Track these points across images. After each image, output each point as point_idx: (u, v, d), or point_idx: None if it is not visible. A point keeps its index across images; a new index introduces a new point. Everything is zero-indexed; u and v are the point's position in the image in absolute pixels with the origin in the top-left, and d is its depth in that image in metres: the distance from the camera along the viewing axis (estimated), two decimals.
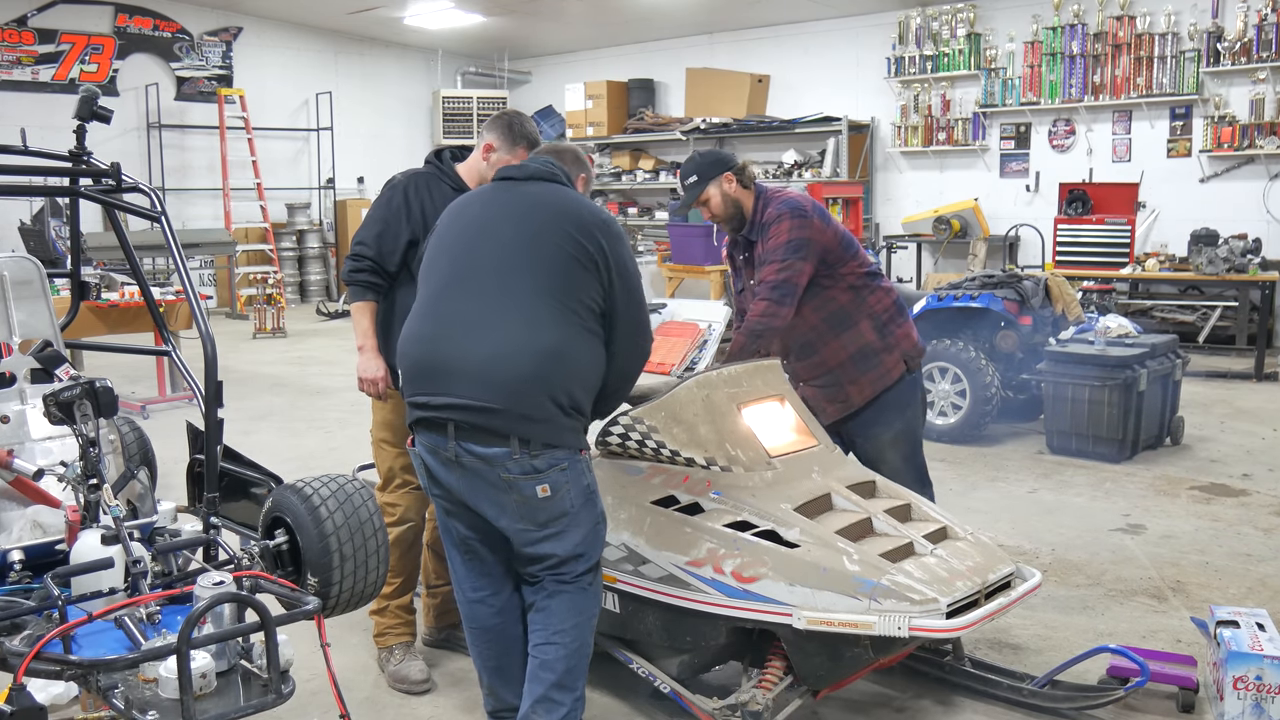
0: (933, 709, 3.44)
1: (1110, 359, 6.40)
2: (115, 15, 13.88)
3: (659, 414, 3.28)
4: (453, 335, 2.86)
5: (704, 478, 3.21)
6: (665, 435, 3.25)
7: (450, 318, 2.89)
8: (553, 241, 2.87)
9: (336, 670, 2.51)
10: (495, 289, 2.86)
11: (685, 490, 3.21)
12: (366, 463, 4.12)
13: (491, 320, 2.84)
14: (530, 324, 2.81)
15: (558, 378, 2.80)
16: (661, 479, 3.26)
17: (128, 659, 2.31)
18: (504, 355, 2.78)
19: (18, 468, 3.03)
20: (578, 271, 2.86)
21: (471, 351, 2.81)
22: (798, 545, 2.97)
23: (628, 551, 3.21)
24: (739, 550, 3.01)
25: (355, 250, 3.54)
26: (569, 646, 2.86)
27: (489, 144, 3.56)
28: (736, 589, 2.99)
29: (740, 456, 3.23)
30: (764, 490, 3.17)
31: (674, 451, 3.24)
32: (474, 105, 16.06)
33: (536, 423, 2.77)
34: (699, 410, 3.27)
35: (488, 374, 2.77)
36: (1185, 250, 10.04)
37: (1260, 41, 10.42)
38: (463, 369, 2.80)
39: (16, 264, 3.52)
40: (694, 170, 3.97)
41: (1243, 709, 3.21)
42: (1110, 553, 4.90)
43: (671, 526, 3.16)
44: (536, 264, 2.86)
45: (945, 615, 2.83)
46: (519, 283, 2.85)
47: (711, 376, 3.39)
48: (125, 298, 7.88)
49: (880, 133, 13.22)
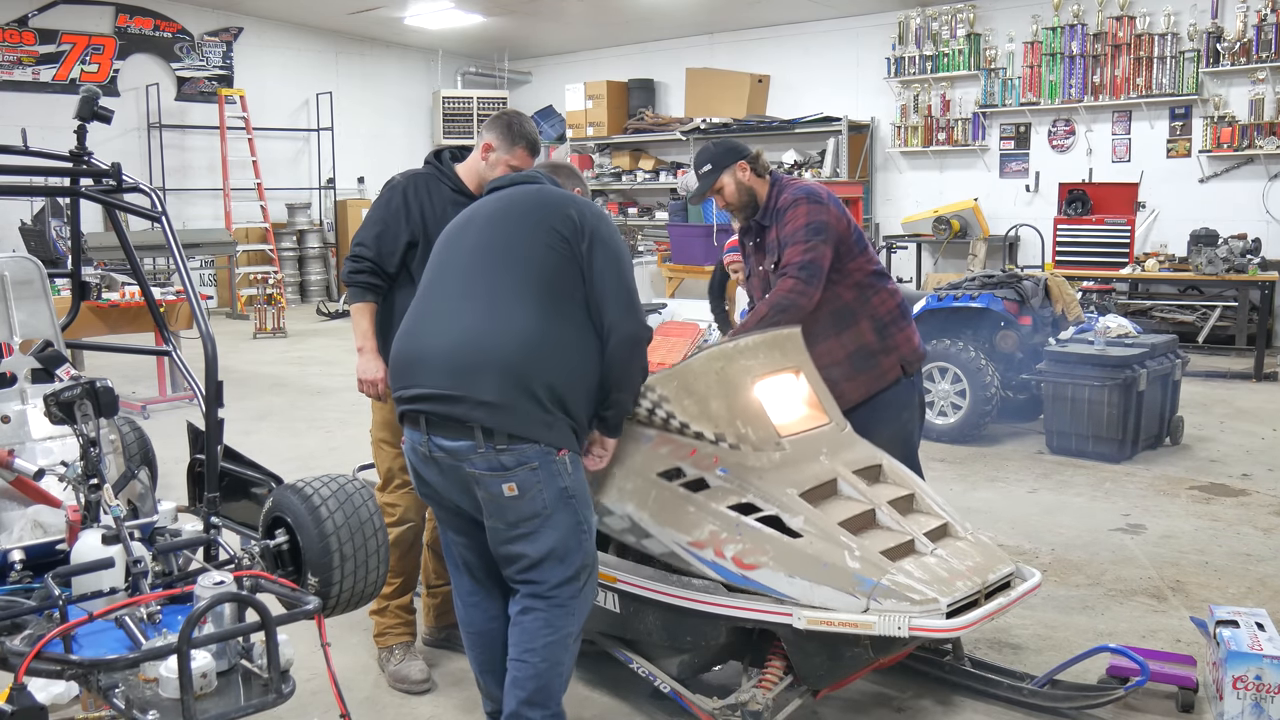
0: (933, 709, 3.45)
1: (1110, 359, 6.40)
2: (116, 15, 13.88)
3: (671, 383, 3.22)
4: (424, 329, 2.90)
5: (712, 453, 3.16)
6: (676, 406, 3.19)
7: (423, 314, 2.94)
8: (524, 232, 2.88)
9: (336, 670, 2.51)
10: (464, 285, 2.89)
11: (692, 464, 3.17)
12: (366, 463, 4.12)
13: (458, 310, 2.85)
14: (495, 312, 2.80)
15: (528, 364, 2.74)
16: (669, 450, 3.21)
17: (128, 659, 2.31)
18: (466, 342, 2.78)
19: (18, 467, 3.04)
20: (553, 259, 2.83)
21: (437, 342, 2.83)
22: (800, 535, 2.96)
23: (631, 523, 3.18)
24: (741, 535, 2.99)
25: (355, 251, 3.55)
26: (537, 666, 2.80)
27: (488, 144, 3.56)
28: (736, 574, 2.98)
29: (750, 435, 3.18)
30: (771, 472, 3.14)
31: (684, 424, 3.18)
32: (474, 105, 16.06)
33: (498, 409, 2.71)
34: (712, 383, 3.22)
35: (450, 361, 2.78)
36: (1185, 250, 10.04)
37: (1260, 41, 10.42)
38: (429, 359, 2.82)
39: (17, 264, 3.52)
40: (708, 159, 3.96)
41: (1242, 709, 3.21)
42: (1110, 553, 4.90)
43: (676, 503, 3.12)
44: (508, 257, 2.86)
45: (945, 615, 2.83)
46: (489, 276, 2.86)
47: (729, 348, 3.32)
48: (126, 298, 7.88)
49: (880, 133, 13.22)
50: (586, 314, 2.86)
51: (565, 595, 2.82)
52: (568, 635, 2.84)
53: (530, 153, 3.56)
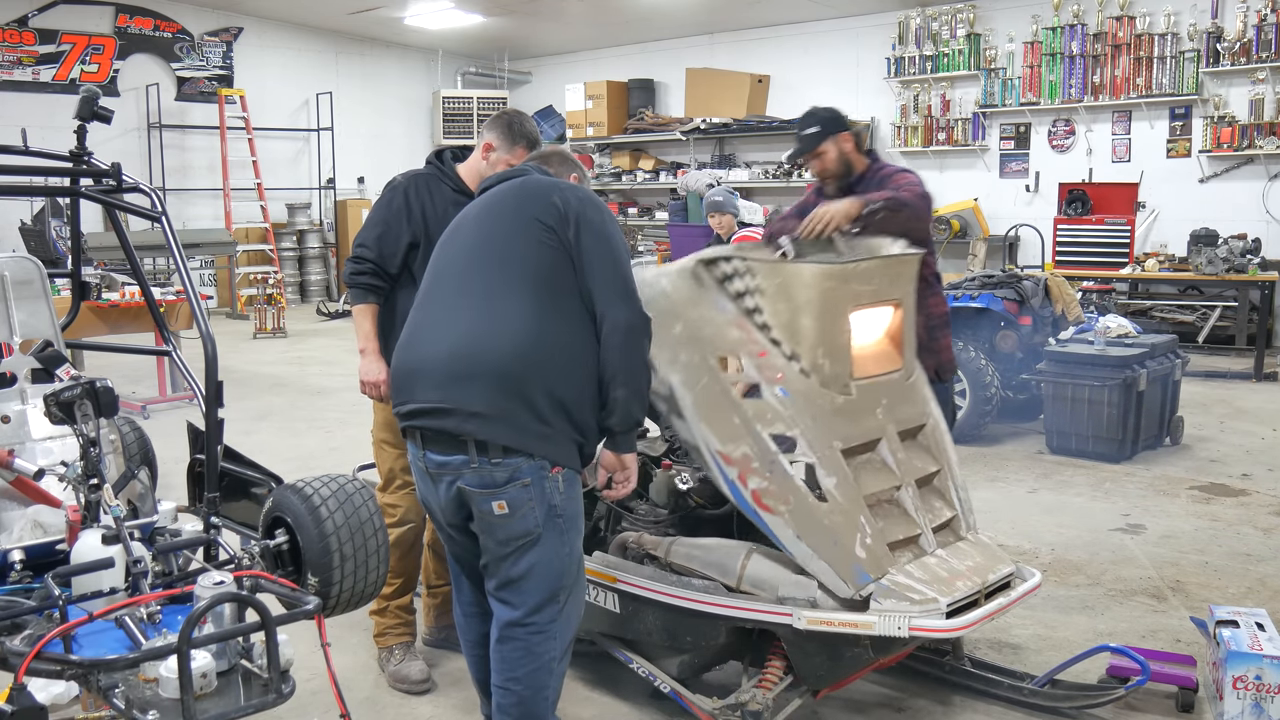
0: (933, 709, 3.45)
1: (1110, 359, 6.40)
2: (116, 15, 13.88)
3: (774, 279, 3.02)
4: (419, 339, 2.80)
5: (780, 368, 3.00)
6: (768, 303, 3.01)
7: (419, 323, 2.84)
8: (510, 227, 2.77)
9: (336, 670, 2.51)
10: (458, 289, 2.79)
11: (756, 366, 3.01)
12: (366, 463, 4.12)
13: (451, 318, 2.75)
14: (489, 315, 2.69)
15: (524, 369, 2.62)
16: (740, 336, 3.04)
17: (128, 659, 2.31)
18: (458, 350, 2.68)
19: (18, 467, 3.03)
20: (544, 253, 2.70)
21: (431, 351, 2.74)
22: (825, 501, 2.91)
23: (670, 395, 3.05)
24: (771, 474, 2.92)
25: (356, 252, 3.54)
26: (521, 694, 2.74)
27: (488, 143, 3.55)
28: (749, 506, 2.94)
29: (825, 368, 3.02)
30: (827, 417, 3.00)
31: (767, 324, 3.02)
32: (474, 105, 16.07)
33: (491, 420, 2.60)
34: (814, 298, 3.00)
35: (443, 372, 2.68)
36: (1185, 250, 10.04)
37: (1260, 42, 10.42)
38: (424, 371, 2.73)
39: (17, 264, 3.52)
40: (817, 122, 3.87)
41: (1242, 709, 3.21)
42: (1110, 552, 4.90)
43: (722, 404, 3.00)
44: (497, 256, 2.75)
45: (945, 615, 2.84)
46: (481, 278, 2.75)
47: (848, 269, 3.09)
48: (125, 298, 7.88)
49: (880, 133, 13.22)
50: (582, 305, 2.72)
51: (544, 620, 2.73)
52: (550, 660, 2.76)
53: (531, 152, 3.55)
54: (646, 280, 3.11)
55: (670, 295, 3.14)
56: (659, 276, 3.20)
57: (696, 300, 3.11)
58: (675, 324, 3.05)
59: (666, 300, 3.13)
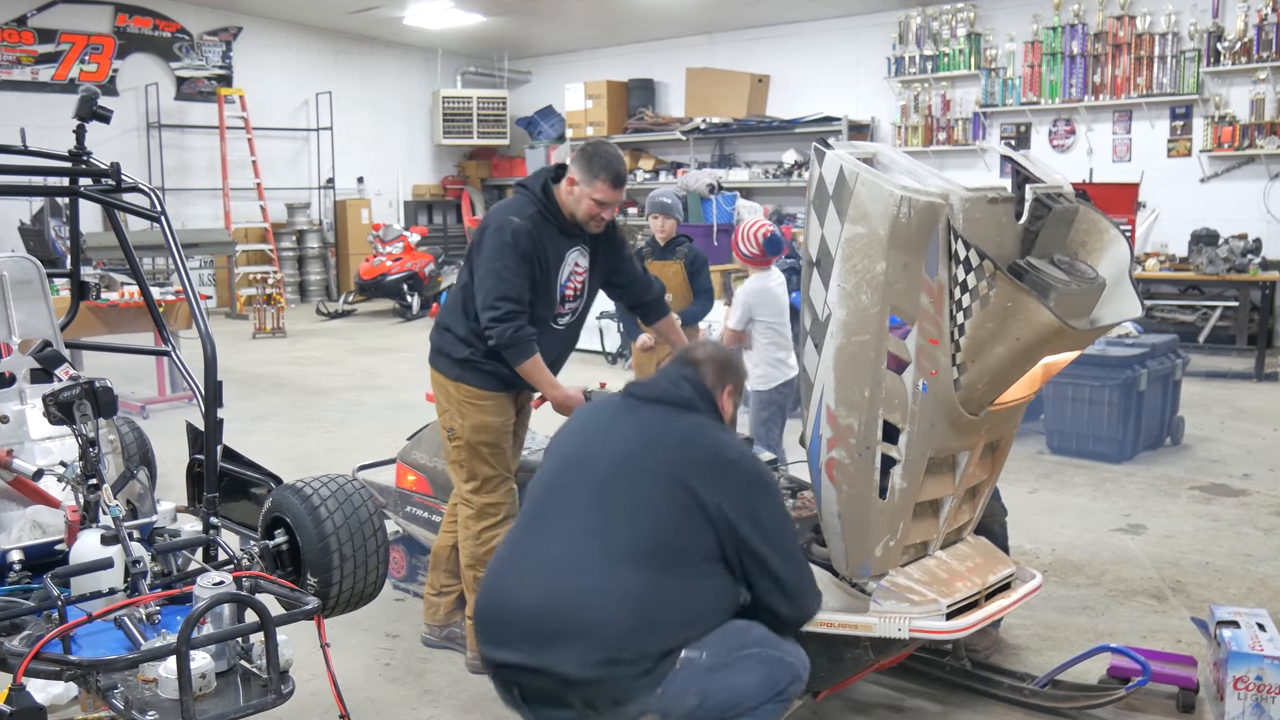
0: (933, 709, 3.44)
1: (1110, 359, 6.40)
2: (115, 15, 13.87)
3: (1006, 299, 2.68)
4: (510, 569, 2.56)
5: (941, 367, 2.80)
6: (979, 308, 2.70)
7: (513, 554, 2.60)
8: (650, 485, 2.49)
9: (336, 670, 2.51)
10: (575, 530, 2.51)
11: (920, 348, 2.79)
12: (366, 463, 4.12)
13: (548, 555, 2.50)
14: (588, 565, 2.44)
15: (624, 643, 2.38)
16: (928, 309, 2.75)
17: (127, 659, 2.31)
18: (548, 598, 2.43)
19: (17, 468, 3.04)
20: (678, 517, 2.45)
21: (520, 592, 2.48)
22: (884, 499, 2.88)
23: (823, 323, 2.81)
24: (859, 458, 2.84)
25: (505, 308, 3.40)
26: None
27: (571, 178, 3.49)
28: (817, 465, 2.91)
29: (977, 390, 2.83)
30: (943, 428, 2.87)
31: (962, 325, 2.75)
32: (474, 105, 16.06)
33: (587, 685, 2.38)
34: (1023, 339, 2.72)
35: (530, 623, 2.43)
36: (1185, 250, 10.04)
37: (1260, 41, 10.41)
38: (509, 614, 2.48)
39: (16, 264, 3.52)
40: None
41: (1243, 709, 3.21)
42: (1110, 553, 4.89)
43: (863, 370, 2.78)
44: (628, 508, 2.48)
45: (945, 617, 2.83)
46: (598, 525, 2.49)
47: (1080, 335, 2.85)
48: (125, 298, 7.88)
49: (880, 132, 13.20)
50: (713, 566, 2.47)
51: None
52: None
53: (613, 185, 3.46)
54: (873, 190, 2.67)
55: (893, 229, 2.67)
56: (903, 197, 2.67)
57: (916, 247, 2.70)
58: (879, 261, 2.68)
59: (887, 230, 2.69)
